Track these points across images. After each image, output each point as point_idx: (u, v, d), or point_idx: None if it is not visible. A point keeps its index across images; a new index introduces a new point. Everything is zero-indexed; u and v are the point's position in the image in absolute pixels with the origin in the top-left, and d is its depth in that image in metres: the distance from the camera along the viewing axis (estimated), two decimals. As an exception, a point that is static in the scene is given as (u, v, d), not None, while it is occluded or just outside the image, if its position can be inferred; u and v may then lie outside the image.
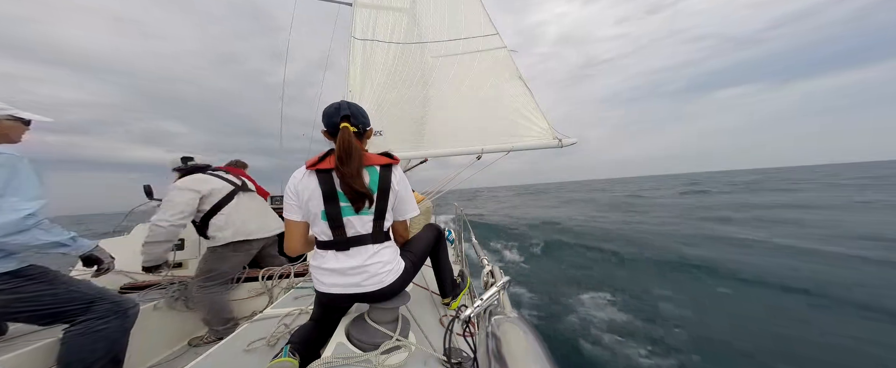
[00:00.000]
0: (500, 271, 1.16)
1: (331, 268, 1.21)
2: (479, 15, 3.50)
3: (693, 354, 3.21)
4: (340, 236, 1.20)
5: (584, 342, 3.54)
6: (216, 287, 2.18)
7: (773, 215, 11.43)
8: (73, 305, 1.37)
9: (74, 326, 1.35)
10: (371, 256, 1.22)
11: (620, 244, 7.91)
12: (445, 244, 1.64)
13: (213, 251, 2.21)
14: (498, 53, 3.42)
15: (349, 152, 1.17)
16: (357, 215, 1.20)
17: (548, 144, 3.21)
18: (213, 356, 1.28)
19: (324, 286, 1.23)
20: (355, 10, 3.52)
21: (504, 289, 0.97)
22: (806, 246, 6.71)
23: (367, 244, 1.22)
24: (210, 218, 2.18)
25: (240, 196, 2.32)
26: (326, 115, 1.27)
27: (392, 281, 1.24)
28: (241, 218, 2.23)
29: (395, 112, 3.38)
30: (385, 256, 1.25)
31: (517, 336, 0.68)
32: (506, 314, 0.79)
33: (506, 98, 3.33)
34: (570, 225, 11.76)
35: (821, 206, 13.12)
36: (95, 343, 1.35)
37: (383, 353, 1.10)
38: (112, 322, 1.41)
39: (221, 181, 2.29)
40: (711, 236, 8.36)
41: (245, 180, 2.49)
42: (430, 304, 1.66)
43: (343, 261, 1.21)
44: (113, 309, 1.44)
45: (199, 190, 2.12)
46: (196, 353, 1.94)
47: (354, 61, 3.40)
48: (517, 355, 0.62)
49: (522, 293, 5.18)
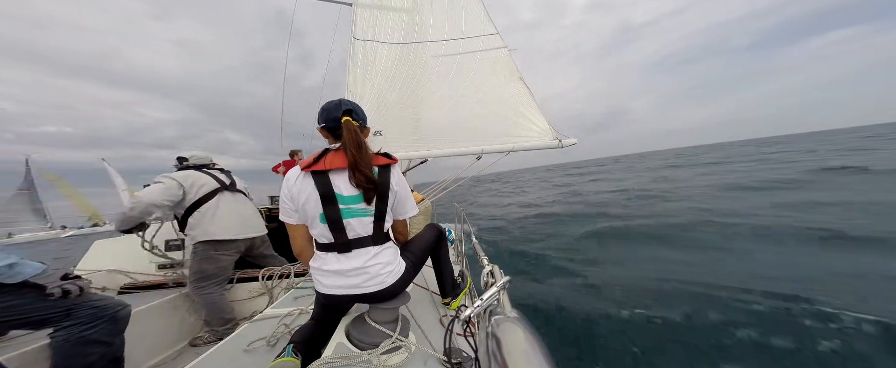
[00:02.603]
0: (500, 271, 1.16)
1: (332, 270, 1.21)
2: (479, 15, 3.51)
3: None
4: (341, 238, 1.20)
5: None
6: (211, 288, 2.19)
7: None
8: (49, 312, 1.32)
9: (58, 332, 1.33)
10: (372, 257, 1.22)
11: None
12: (446, 244, 1.63)
13: (195, 250, 2.24)
14: (498, 53, 3.43)
15: (359, 143, 1.19)
16: (357, 217, 1.20)
17: (548, 144, 3.21)
18: (214, 356, 1.28)
19: (325, 287, 1.23)
20: (355, 11, 3.52)
21: (504, 289, 0.98)
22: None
23: (368, 245, 1.22)
24: (188, 216, 2.22)
25: (223, 195, 2.34)
26: (326, 110, 1.25)
27: (393, 282, 1.24)
28: (217, 218, 2.25)
29: (396, 112, 3.38)
30: (386, 257, 1.25)
31: (517, 336, 0.68)
32: (506, 314, 0.79)
33: (505, 98, 3.34)
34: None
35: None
36: (85, 348, 1.34)
37: (383, 353, 1.10)
38: (100, 326, 1.39)
39: (208, 178, 2.33)
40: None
41: (234, 180, 2.51)
42: (430, 304, 1.66)
43: (344, 263, 1.21)
44: (96, 314, 1.41)
45: (181, 182, 2.21)
46: (196, 353, 1.95)
47: (354, 61, 3.41)
48: (517, 355, 0.62)
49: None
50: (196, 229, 2.21)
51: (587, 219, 8.75)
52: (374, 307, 1.28)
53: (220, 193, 2.33)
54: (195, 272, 2.19)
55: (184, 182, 2.22)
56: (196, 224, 2.21)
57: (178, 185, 2.18)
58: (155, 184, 2.17)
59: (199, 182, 2.28)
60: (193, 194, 2.23)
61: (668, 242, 6.07)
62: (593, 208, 10.66)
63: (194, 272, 2.19)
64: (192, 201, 2.22)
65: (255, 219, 2.51)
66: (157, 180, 2.20)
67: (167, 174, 2.23)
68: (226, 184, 2.40)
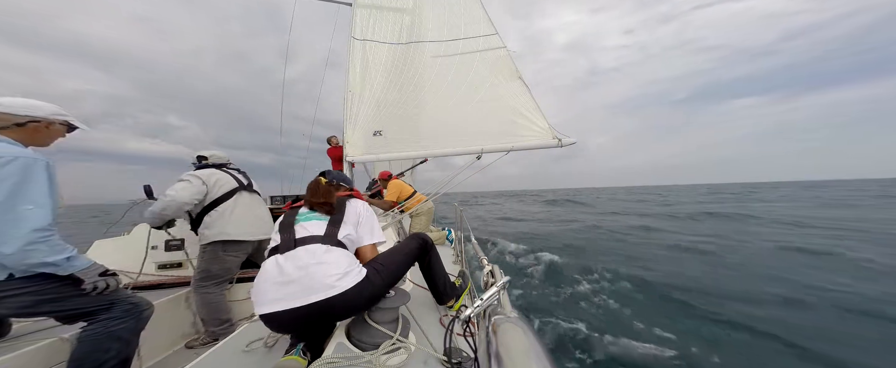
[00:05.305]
0: (499, 271, 1.16)
1: (270, 281, 1.10)
2: (479, 15, 3.50)
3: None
4: (288, 237, 1.18)
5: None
6: (212, 288, 2.18)
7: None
8: (96, 305, 1.36)
9: (92, 325, 1.34)
10: (318, 256, 1.12)
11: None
12: (434, 252, 1.54)
13: (205, 250, 2.22)
14: (497, 53, 3.42)
15: (317, 191, 1.42)
16: (310, 220, 1.25)
17: (547, 143, 3.20)
18: (213, 356, 1.28)
19: (262, 306, 1.09)
20: (355, 10, 3.52)
21: (504, 289, 0.97)
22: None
23: (316, 243, 1.16)
24: (205, 215, 2.20)
25: (241, 195, 2.32)
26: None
27: (348, 287, 1.10)
28: (234, 218, 2.23)
29: (395, 112, 3.38)
30: (335, 258, 1.15)
31: (517, 336, 0.68)
32: (506, 314, 0.79)
33: (505, 98, 3.33)
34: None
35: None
36: (109, 343, 1.34)
37: (384, 353, 1.10)
38: (128, 322, 1.40)
39: (228, 177, 2.32)
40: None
41: (251, 181, 2.50)
42: (430, 304, 1.66)
43: (284, 265, 1.11)
44: (131, 310, 1.43)
45: (205, 180, 2.20)
46: (194, 354, 1.95)
47: (354, 62, 3.41)
48: (517, 355, 0.62)
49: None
50: (212, 228, 2.18)
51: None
52: (375, 307, 1.28)
53: (238, 192, 2.31)
54: (201, 272, 2.18)
55: (207, 181, 2.21)
56: (212, 223, 2.19)
57: (202, 183, 2.18)
58: (180, 182, 2.15)
59: (221, 181, 2.27)
60: (214, 193, 2.22)
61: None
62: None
63: (200, 270, 2.18)
64: (210, 201, 2.21)
65: (268, 221, 2.50)
66: (183, 178, 2.18)
67: (191, 173, 2.22)
68: (244, 184, 2.39)
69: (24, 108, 1.29)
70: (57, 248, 1.21)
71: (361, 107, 3.35)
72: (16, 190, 1.14)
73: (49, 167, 1.24)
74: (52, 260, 1.19)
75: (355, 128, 3.31)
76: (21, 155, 1.18)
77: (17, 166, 1.15)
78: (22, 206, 1.14)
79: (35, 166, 1.20)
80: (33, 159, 1.20)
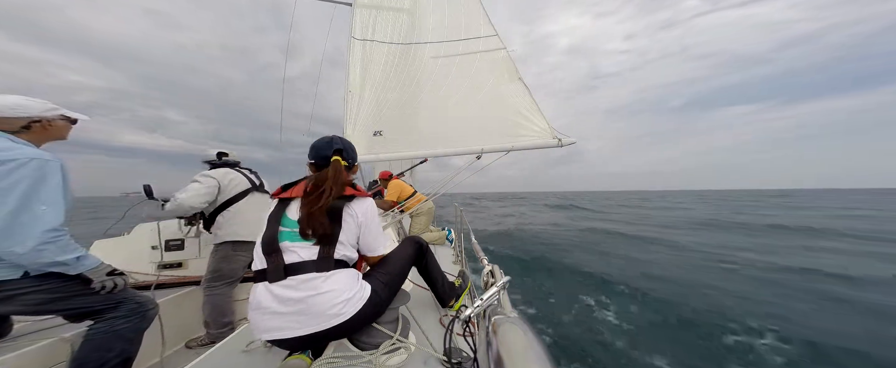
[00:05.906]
0: (500, 271, 1.16)
1: (267, 311, 1.03)
2: (479, 16, 3.50)
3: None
4: (275, 262, 1.07)
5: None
6: (222, 288, 2.18)
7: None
8: (103, 304, 1.37)
9: (98, 323, 1.35)
10: (316, 287, 1.03)
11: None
12: (430, 256, 1.52)
13: (217, 249, 2.22)
14: (497, 53, 3.42)
15: (339, 181, 1.17)
16: (297, 241, 1.09)
17: (547, 143, 3.21)
18: (213, 356, 1.28)
19: (263, 332, 1.05)
20: (355, 10, 3.52)
21: (504, 289, 0.98)
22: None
23: (310, 271, 1.04)
24: (218, 214, 2.20)
25: (253, 196, 2.33)
26: (316, 148, 1.25)
27: (354, 312, 1.06)
28: (245, 218, 2.23)
29: (395, 112, 3.38)
30: (338, 284, 1.06)
31: (517, 336, 0.68)
32: (506, 314, 0.79)
33: (505, 98, 3.33)
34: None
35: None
36: (114, 342, 1.35)
37: (384, 353, 1.10)
38: (133, 321, 1.41)
39: (242, 178, 2.32)
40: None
41: (262, 181, 2.50)
42: (431, 304, 1.66)
43: (279, 294, 1.03)
44: (137, 309, 1.44)
45: (219, 180, 2.20)
46: (194, 354, 1.95)
47: (354, 62, 3.41)
48: (517, 355, 0.62)
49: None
50: (224, 228, 2.19)
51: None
52: None
53: (250, 193, 2.31)
54: (212, 271, 2.18)
55: (222, 181, 2.20)
56: (224, 223, 2.19)
57: (216, 184, 2.17)
58: (194, 183, 2.14)
59: (236, 181, 2.27)
60: (228, 193, 2.22)
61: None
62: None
63: (211, 270, 2.19)
64: (224, 200, 2.21)
65: None
66: (197, 179, 2.16)
67: (206, 173, 2.20)
68: (256, 184, 2.39)
69: (14, 109, 1.27)
70: (68, 248, 1.23)
71: (361, 107, 3.35)
72: (31, 191, 1.15)
73: (63, 168, 1.26)
74: (62, 259, 1.21)
75: (355, 128, 3.31)
76: (36, 156, 1.20)
77: (33, 168, 1.17)
78: (37, 206, 1.16)
79: (49, 166, 1.22)
80: (47, 160, 1.22)
